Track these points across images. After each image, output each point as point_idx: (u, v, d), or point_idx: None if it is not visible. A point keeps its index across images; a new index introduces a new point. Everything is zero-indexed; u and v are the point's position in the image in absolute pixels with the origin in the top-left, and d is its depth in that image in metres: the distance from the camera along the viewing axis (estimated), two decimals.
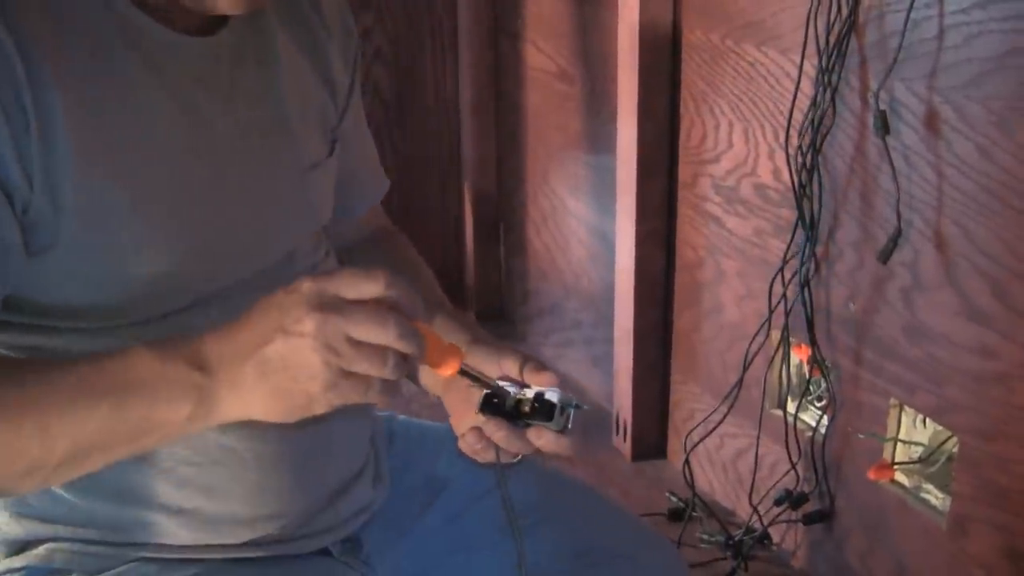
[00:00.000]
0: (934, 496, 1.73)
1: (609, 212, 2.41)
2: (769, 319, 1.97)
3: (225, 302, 1.08)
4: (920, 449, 1.75)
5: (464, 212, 3.20)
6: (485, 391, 1.06)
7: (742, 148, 2.04)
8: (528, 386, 1.08)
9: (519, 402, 1.06)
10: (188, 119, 1.05)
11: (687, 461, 2.17)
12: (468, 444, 1.10)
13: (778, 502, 2.00)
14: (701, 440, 2.17)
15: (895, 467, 1.77)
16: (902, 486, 1.78)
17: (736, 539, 2.07)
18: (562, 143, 2.74)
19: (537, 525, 1.30)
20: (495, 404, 1.07)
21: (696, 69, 2.16)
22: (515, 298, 3.14)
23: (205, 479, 1.10)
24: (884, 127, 1.65)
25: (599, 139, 2.53)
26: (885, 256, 1.69)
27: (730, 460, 2.21)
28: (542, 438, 1.07)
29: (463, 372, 1.00)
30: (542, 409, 1.06)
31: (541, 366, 1.09)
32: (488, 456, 1.10)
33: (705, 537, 2.12)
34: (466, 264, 3.24)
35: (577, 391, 2.75)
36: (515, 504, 1.16)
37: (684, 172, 2.24)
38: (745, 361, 2.02)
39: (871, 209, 1.74)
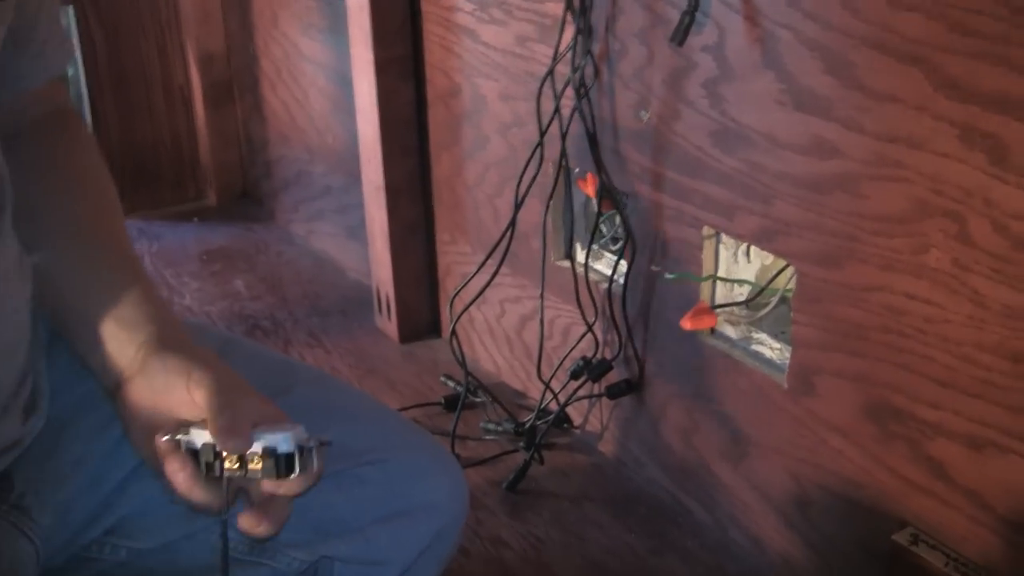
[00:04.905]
0: (769, 347, 1.36)
1: (346, 46, 1.96)
2: (541, 143, 1.55)
3: None
4: (746, 289, 1.37)
5: (190, 77, 2.73)
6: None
7: None
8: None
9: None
10: None
11: (454, 333, 1.74)
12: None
13: (575, 375, 1.61)
14: (468, 306, 1.74)
15: (716, 312, 1.38)
16: (727, 339, 1.41)
17: (527, 425, 1.67)
18: None
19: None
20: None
21: None
22: (257, 171, 2.68)
23: None
24: None
25: None
26: (680, 36, 1.28)
27: (514, 330, 1.80)
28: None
29: None
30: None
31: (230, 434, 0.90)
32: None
33: (491, 427, 1.71)
34: (199, 139, 2.78)
35: (335, 269, 2.36)
36: None
37: None
38: (516, 200, 1.60)
39: None
